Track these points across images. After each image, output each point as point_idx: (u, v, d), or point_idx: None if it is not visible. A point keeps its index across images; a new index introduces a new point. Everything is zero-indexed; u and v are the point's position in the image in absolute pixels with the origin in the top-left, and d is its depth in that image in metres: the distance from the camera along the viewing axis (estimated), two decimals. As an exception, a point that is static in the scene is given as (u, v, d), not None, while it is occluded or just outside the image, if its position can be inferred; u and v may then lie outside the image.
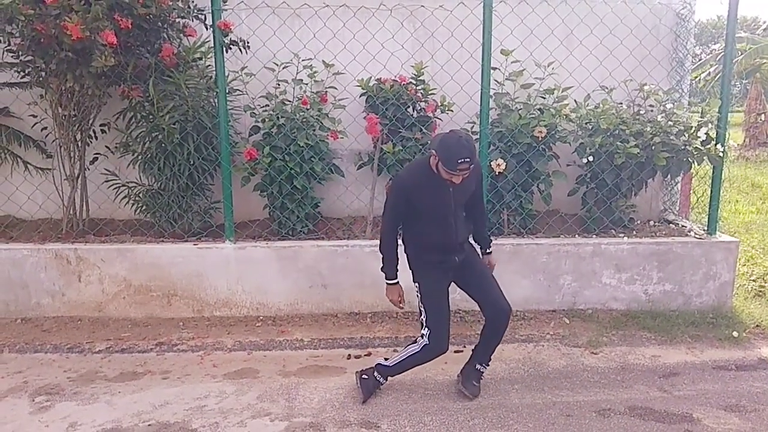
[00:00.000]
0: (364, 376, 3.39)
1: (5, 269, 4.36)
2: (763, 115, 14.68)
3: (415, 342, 3.24)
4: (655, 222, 5.26)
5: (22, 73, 4.38)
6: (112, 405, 3.30)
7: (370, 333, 4.22)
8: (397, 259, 3.24)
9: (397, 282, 3.27)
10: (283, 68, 4.59)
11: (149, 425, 3.10)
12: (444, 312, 3.19)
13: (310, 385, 3.52)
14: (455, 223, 3.14)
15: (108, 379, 3.60)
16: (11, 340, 4.12)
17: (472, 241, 3.47)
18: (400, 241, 3.26)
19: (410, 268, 3.28)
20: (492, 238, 3.61)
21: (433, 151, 2.97)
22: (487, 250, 3.51)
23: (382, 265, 3.26)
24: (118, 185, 4.80)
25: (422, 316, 3.20)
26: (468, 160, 2.86)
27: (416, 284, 3.25)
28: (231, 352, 3.97)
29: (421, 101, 4.79)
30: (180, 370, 3.72)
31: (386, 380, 3.37)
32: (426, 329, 3.17)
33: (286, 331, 4.28)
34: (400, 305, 3.31)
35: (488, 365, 3.42)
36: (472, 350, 3.45)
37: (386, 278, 3.26)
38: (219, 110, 4.35)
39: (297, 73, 4.67)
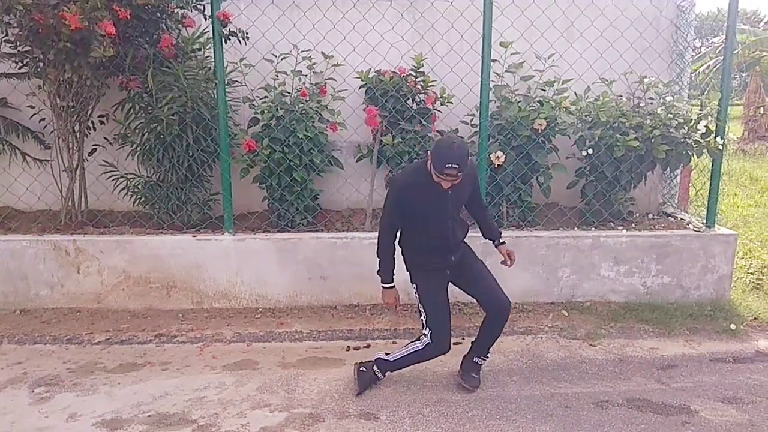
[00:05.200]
0: (362, 368, 3.39)
1: (4, 260, 4.36)
2: (762, 108, 14.63)
3: (418, 339, 3.24)
4: (654, 215, 5.26)
5: (20, 64, 4.35)
6: (112, 396, 3.31)
7: (369, 325, 4.23)
8: (394, 263, 3.22)
9: (393, 286, 3.26)
10: (282, 59, 4.57)
11: (149, 416, 3.11)
12: (444, 313, 3.19)
13: (309, 377, 3.53)
14: (452, 226, 3.14)
15: (107, 370, 3.61)
16: (10, 331, 4.12)
17: (481, 237, 3.46)
18: (397, 244, 3.23)
19: (407, 270, 3.28)
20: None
21: (429, 153, 2.95)
22: (500, 240, 3.42)
23: (378, 268, 3.25)
24: (116, 177, 4.79)
25: (422, 317, 3.19)
26: (456, 166, 2.81)
27: (414, 285, 3.25)
28: (230, 344, 3.97)
29: (420, 93, 4.77)
30: (179, 361, 3.73)
31: (384, 375, 3.38)
32: (427, 329, 3.16)
33: (286, 322, 4.28)
34: (396, 309, 3.32)
35: (487, 357, 3.44)
36: (472, 343, 3.45)
37: (382, 282, 3.26)
38: (218, 101, 4.34)
39: (296, 65, 4.65)
